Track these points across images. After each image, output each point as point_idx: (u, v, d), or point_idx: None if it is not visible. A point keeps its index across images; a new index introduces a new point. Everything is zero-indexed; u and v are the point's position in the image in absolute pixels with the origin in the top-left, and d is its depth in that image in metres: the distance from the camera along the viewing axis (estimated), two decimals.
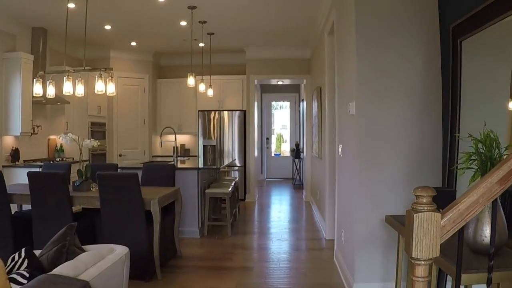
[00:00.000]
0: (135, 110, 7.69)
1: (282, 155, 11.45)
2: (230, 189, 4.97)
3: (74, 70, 4.04)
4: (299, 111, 10.51)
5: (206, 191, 4.91)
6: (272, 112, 11.38)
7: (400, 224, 2.43)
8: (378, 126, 2.94)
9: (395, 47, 2.96)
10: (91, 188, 3.89)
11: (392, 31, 2.97)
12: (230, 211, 4.99)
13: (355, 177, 3.03)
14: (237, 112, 7.49)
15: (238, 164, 7.51)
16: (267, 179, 10.99)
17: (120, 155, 7.52)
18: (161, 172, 4.28)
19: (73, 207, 3.73)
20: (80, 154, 4.19)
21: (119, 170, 5.09)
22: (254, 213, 6.38)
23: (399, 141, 2.94)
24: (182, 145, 8.11)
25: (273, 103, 11.43)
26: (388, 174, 2.94)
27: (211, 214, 5.41)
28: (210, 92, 6.40)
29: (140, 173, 4.37)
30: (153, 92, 7.91)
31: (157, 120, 8.05)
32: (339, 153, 3.70)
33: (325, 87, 4.96)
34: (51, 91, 4.33)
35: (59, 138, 4.04)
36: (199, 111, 7.64)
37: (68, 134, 4.09)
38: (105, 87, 4.10)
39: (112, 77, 4.09)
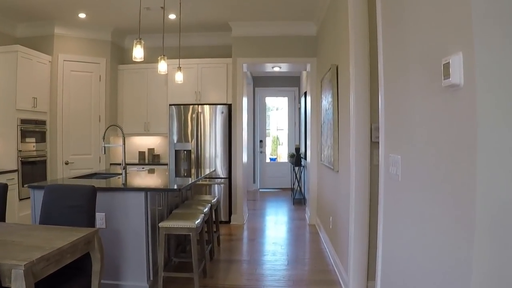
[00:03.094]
0: (87, 104, 5.88)
1: (278, 159, 9.66)
2: (198, 220, 3.17)
3: None
4: (299, 108, 8.76)
5: (160, 224, 3.12)
6: (268, 114, 9.60)
7: None
8: None
9: None
10: None
11: None
12: (198, 256, 3.20)
13: (462, 239, 1.25)
14: (221, 107, 5.71)
15: (221, 175, 5.72)
16: (260, 190, 9.20)
17: (67, 163, 5.71)
18: (71, 200, 2.48)
19: None
20: None
21: (31, 190, 3.30)
22: (241, 246, 4.58)
23: None
24: (150, 150, 6.30)
25: (268, 103, 9.62)
26: None
27: (171, 255, 3.61)
28: (179, 77, 4.62)
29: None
30: (112, 81, 6.10)
31: (118, 117, 6.24)
32: (395, 173, 1.91)
33: (346, 62, 3.19)
34: None
35: None
36: (170, 105, 5.84)
37: None
38: None
39: None
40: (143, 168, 4.87)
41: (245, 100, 5.94)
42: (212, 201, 4.10)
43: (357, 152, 2.91)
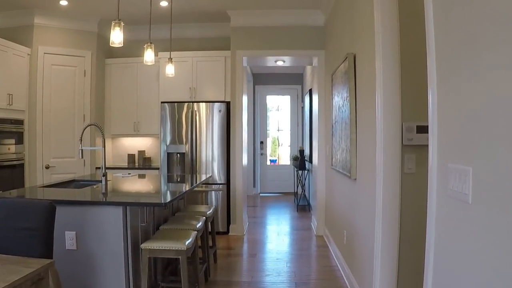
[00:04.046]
0: (70, 101, 5.31)
1: (279, 161, 9.10)
2: (189, 240, 2.61)
3: None
4: (303, 107, 8.22)
5: (143, 246, 2.56)
6: (268, 114, 9.04)
7: None
8: None
9: None
10: None
11: None
12: (189, 278, 2.64)
13: None
14: (218, 105, 5.15)
15: (218, 181, 5.16)
16: (261, 194, 8.65)
17: (48, 167, 5.15)
18: (22, 220, 1.92)
19: None
20: None
21: None
22: (241, 263, 4.02)
23: None
24: (141, 152, 5.74)
25: (268, 103, 9.05)
26: None
27: (158, 279, 3.04)
28: (170, 70, 4.06)
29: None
30: (98, 77, 5.54)
31: (104, 116, 5.68)
32: (460, 191, 1.34)
33: (367, 50, 2.65)
34: None
35: None
36: (162, 102, 5.28)
37: None
38: None
39: None
40: (129, 173, 4.31)
41: (245, 97, 5.40)
42: (208, 212, 3.54)
43: (386, 158, 2.36)
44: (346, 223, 3.50)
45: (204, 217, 3.30)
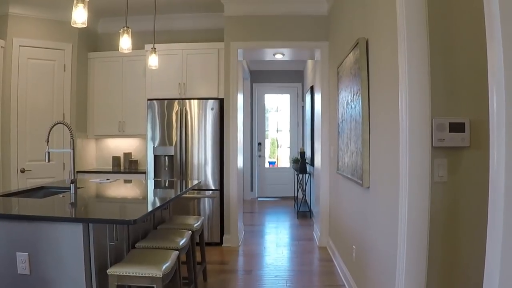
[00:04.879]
0: (48, 98, 4.83)
1: (278, 163, 8.62)
2: (168, 264, 2.13)
3: None
4: (303, 106, 7.75)
5: (109, 271, 2.08)
6: (266, 115, 8.58)
7: None
8: None
9: None
10: None
11: None
12: None
13: None
14: (211, 102, 4.67)
15: (211, 187, 4.67)
16: (259, 199, 8.17)
17: (23, 171, 4.66)
18: None
19: None
20: None
21: None
22: (235, 282, 3.53)
23: None
24: (127, 155, 5.25)
25: (267, 104, 8.57)
26: None
27: None
28: (153, 61, 3.59)
29: None
30: (80, 72, 5.05)
31: (87, 114, 5.19)
32: None
33: (384, 33, 2.18)
34: None
35: None
36: (149, 100, 4.80)
37: None
38: None
39: None
40: (107, 179, 3.82)
41: (240, 94, 4.92)
42: (195, 225, 3.06)
43: (411, 163, 1.88)
44: (356, 237, 3.02)
45: (190, 231, 2.82)
